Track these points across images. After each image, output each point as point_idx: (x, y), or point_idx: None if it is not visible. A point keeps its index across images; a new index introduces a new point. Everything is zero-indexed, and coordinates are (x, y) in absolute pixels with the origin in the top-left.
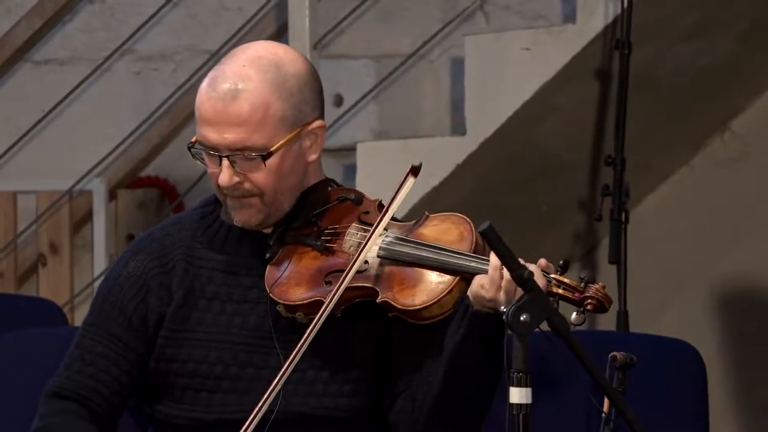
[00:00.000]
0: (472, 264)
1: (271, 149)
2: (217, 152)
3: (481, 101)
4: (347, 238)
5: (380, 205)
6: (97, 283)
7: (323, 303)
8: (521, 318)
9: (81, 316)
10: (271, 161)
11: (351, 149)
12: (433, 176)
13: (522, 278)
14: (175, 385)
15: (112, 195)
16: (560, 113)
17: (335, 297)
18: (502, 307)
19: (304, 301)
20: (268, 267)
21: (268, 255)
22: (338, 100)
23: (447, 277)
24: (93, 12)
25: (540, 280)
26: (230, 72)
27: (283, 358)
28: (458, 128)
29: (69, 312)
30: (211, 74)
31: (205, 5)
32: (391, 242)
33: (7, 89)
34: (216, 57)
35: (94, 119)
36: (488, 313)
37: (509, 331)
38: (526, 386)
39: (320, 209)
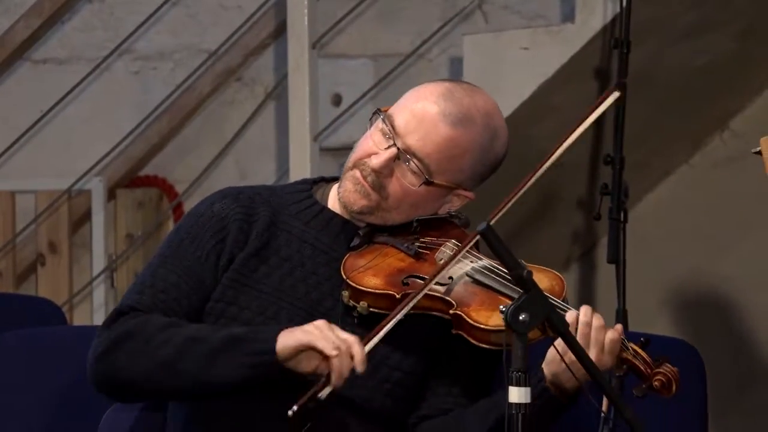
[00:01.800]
0: (561, 310)
1: (433, 180)
2: (396, 139)
3: None
4: (442, 248)
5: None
6: (95, 283)
7: (393, 298)
8: (520, 317)
9: (80, 316)
10: (422, 188)
11: (350, 149)
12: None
13: (521, 278)
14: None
15: (111, 194)
16: (559, 113)
17: (418, 296)
18: (501, 307)
19: (376, 290)
20: (349, 253)
21: (355, 242)
22: (337, 100)
23: None
24: (92, 11)
25: (616, 340)
26: (465, 102)
27: None
28: None
29: (68, 311)
30: (447, 86)
31: (204, 4)
32: (482, 267)
33: (6, 88)
34: (215, 56)
35: (93, 118)
36: (555, 396)
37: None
38: (525, 386)
39: (424, 217)
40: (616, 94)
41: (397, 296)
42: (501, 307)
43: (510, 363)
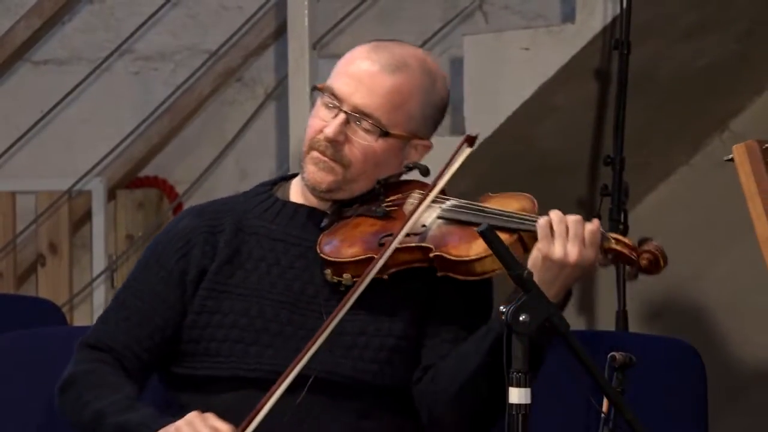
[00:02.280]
0: (531, 221)
1: (390, 132)
2: (339, 105)
3: (480, 101)
4: (409, 200)
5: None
6: (96, 283)
7: (373, 260)
8: (521, 318)
9: (80, 316)
10: (381, 142)
11: None
12: (432, 176)
13: (521, 278)
14: (213, 338)
15: (111, 195)
16: (559, 113)
17: (390, 249)
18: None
19: (355, 258)
20: (321, 234)
21: (324, 222)
22: None
23: (504, 235)
24: (92, 12)
25: (596, 232)
26: (397, 51)
27: (323, 319)
28: (457, 128)
29: (68, 312)
30: (375, 43)
31: (204, 5)
32: (451, 206)
33: (7, 89)
34: (215, 56)
35: (93, 119)
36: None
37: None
38: (525, 386)
39: (387, 177)
40: (467, 150)
41: (376, 257)
42: (501, 307)
43: (510, 363)
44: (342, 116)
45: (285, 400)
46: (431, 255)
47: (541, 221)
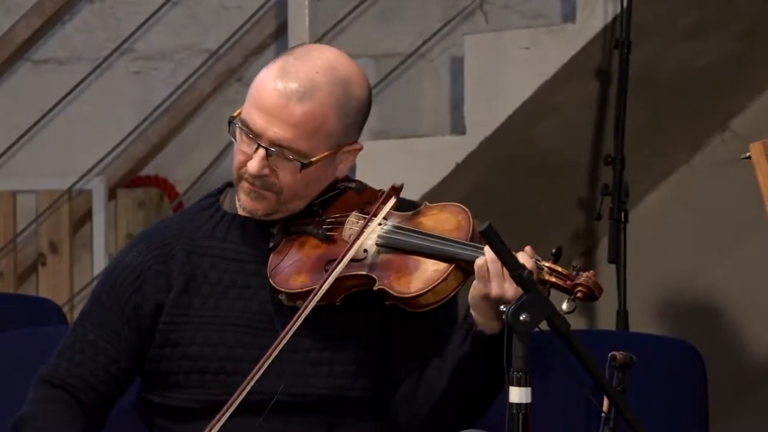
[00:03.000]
0: (467, 252)
1: (312, 159)
2: (257, 139)
3: (481, 100)
4: (347, 226)
5: (382, 194)
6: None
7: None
8: (521, 318)
9: None
10: (305, 171)
11: None
12: (432, 175)
13: (522, 278)
14: (180, 370)
15: (111, 194)
16: (560, 112)
17: (326, 284)
18: (502, 307)
19: (304, 290)
20: (270, 256)
21: (271, 244)
22: None
23: (442, 265)
24: (93, 11)
25: (528, 263)
26: (303, 73)
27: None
28: (458, 127)
29: (69, 311)
30: (280, 63)
31: (204, 4)
32: (388, 231)
33: (7, 88)
34: (215, 56)
35: (93, 118)
36: (491, 334)
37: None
38: (525, 386)
39: (322, 198)
40: (392, 201)
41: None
42: (501, 307)
43: (510, 363)
44: (261, 151)
45: (251, 422)
46: (375, 288)
47: (478, 262)
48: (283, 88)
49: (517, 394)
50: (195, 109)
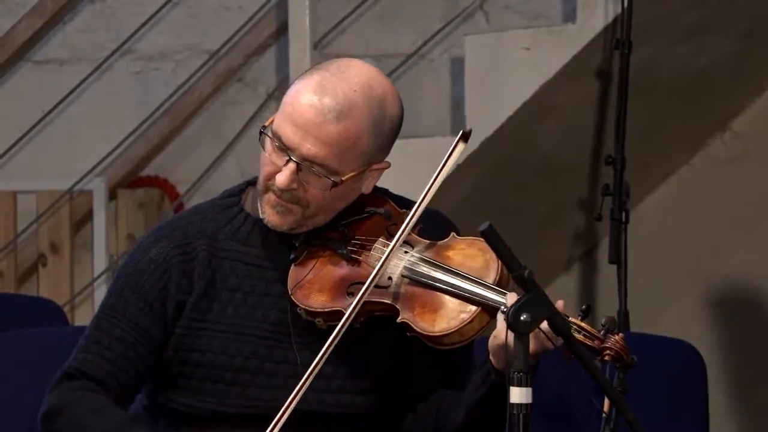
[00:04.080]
0: (497, 297)
1: (343, 178)
2: (289, 153)
3: (482, 101)
4: (373, 252)
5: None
6: (97, 283)
7: (342, 313)
8: (521, 318)
9: (81, 316)
10: (335, 189)
11: None
12: (432, 176)
13: (522, 278)
14: (193, 376)
15: (112, 195)
16: (560, 113)
17: (353, 312)
18: (502, 307)
19: (325, 310)
20: (291, 267)
21: (293, 256)
22: None
23: (470, 307)
24: (93, 12)
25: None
26: (340, 90)
27: (300, 356)
28: (458, 128)
29: (69, 312)
30: (317, 78)
31: (205, 4)
32: (416, 263)
33: (8, 89)
34: (216, 56)
35: (94, 119)
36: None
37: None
38: (526, 386)
39: (349, 220)
40: (462, 146)
41: (345, 311)
42: (502, 307)
43: (511, 363)
44: (292, 165)
45: None
46: (398, 320)
47: (501, 315)
48: (320, 105)
49: (518, 394)
50: (195, 109)
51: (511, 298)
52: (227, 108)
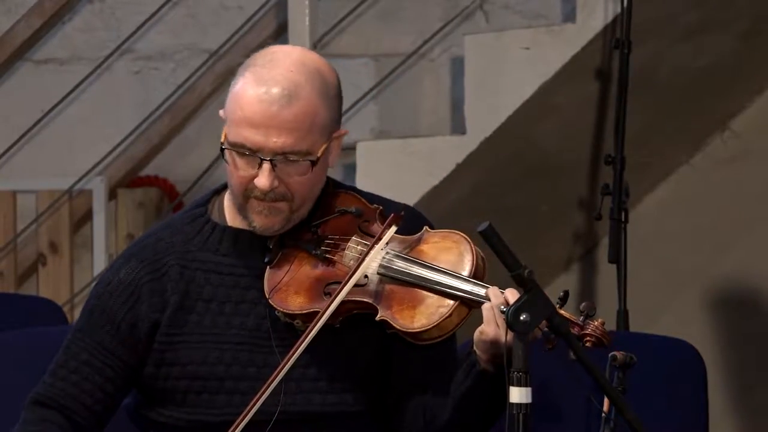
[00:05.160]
0: (474, 289)
1: (318, 155)
2: (259, 155)
3: (481, 100)
4: (347, 252)
5: (381, 214)
6: None
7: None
8: (521, 317)
9: None
10: (315, 169)
11: (351, 148)
12: (432, 175)
13: (522, 277)
14: (177, 389)
15: (112, 194)
16: (560, 112)
17: (328, 311)
18: (502, 307)
19: (303, 312)
20: (267, 270)
21: (267, 258)
22: None
23: (447, 301)
24: (93, 11)
25: None
26: (280, 76)
27: (282, 358)
28: (458, 127)
29: (69, 311)
30: (254, 76)
31: (204, 4)
32: (391, 260)
33: (7, 89)
34: (216, 56)
35: (93, 118)
36: (494, 373)
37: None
38: (526, 386)
39: (320, 220)
40: (393, 229)
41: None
42: (502, 307)
43: (510, 363)
44: (266, 165)
45: None
46: (377, 318)
47: (485, 306)
48: (268, 96)
49: (517, 394)
50: (195, 109)
51: (492, 291)
52: None
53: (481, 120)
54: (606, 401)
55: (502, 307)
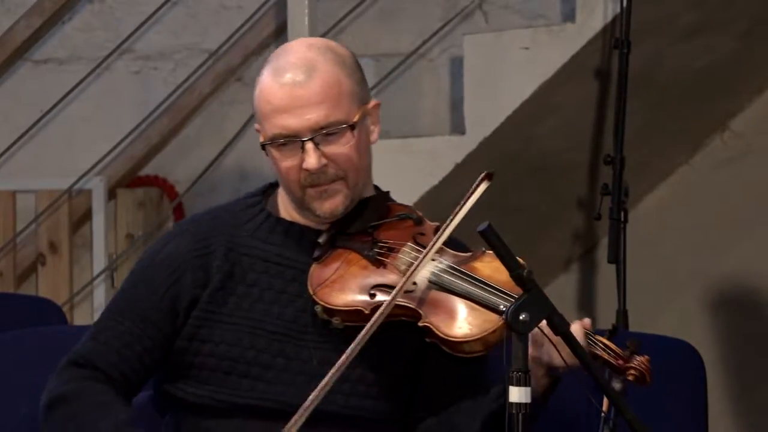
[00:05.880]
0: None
1: (354, 121)
2: (298, 137)
3: (481, 100)
4: (401, 256)
5: (437, 229)
6: (96, 283)
7: (362, 313)
8: (521, 317)
9: (80, 316)
10: (355, 134)
11: None
12: (432, 175)
13: (521, 277)
14: (204, 366)
15: (111, 194)
16: (559, 112)
17: (382, 315)
18: (501, 307)
19: (345, 308)
20: (313, 265)
21: (317, 254)
22: None
23: (494, 317)
24: (92, 11)
25: (581, 339)
26: (294, 59)
27: (314, 354)
28: (458, 127)
29: (68, 311)
30: (270, 69)
31: (204, 4)
32: (443, 269)
33: (7, 88)
34: (215, 56)
35: (93, 118)
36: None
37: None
38: (525, 385)
39: (379, 222)
40: (485, 184)
41: (366, 312)
42: (501, 306)
43: (510, 362)
44: (309, 144)
45: (268, 428)
46: (419, 324)
47: (543, 329)
48: (289, 80)
49: (517, 394)
50: (195, 109)
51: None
52: (226, 107)
53: (481, 120)
54: (605, 401)
55: (502, 307)
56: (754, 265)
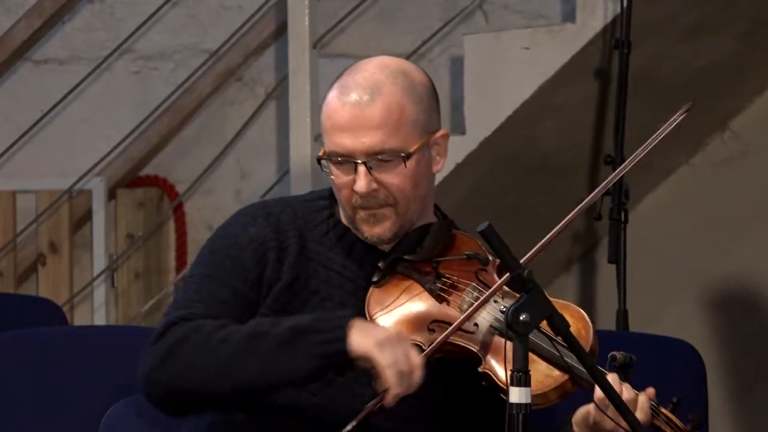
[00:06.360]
0: (588, 370)
1: (410, 151)
2: (353, 159)
3: (481, 100)
4: (464, 296)
5: (498, 267)
6: (96, 283)
7: (420, 348)
8: (521, 318)
9: (80, 316)
10: (409, 164)
11: None
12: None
13: (521, 277)
14: None
15: (111, 194)
16: (560, 113)
17: (438, 344)
18: (502, 307)
19: None
20: (372, 289)
21: (376, 278)
22: None
23: (557, 373)
24: (93, 11)
25: (647, 410)
26: (361, 79)
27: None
28: (458, 127)
29: (68, 311)
30: (338, 85)
31: (204, 4)
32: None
33: (7, 89)
34: (215, 56)
35: (93, 118)
36: None
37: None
38: (525, 386)
39: (444, 258)
40: (683, 114)
41: (424, 347)
42: (501, 307)
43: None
44: (362, 168)
45: None
46: (479, 369)
47: (598, 393)
48: (352, 100)
49: (517, 394)
50: (195, 109)
51: (612, 377)
52: (226, 108)
53: (481, 120)
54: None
55: (502, 307)
56: (754, 265)
